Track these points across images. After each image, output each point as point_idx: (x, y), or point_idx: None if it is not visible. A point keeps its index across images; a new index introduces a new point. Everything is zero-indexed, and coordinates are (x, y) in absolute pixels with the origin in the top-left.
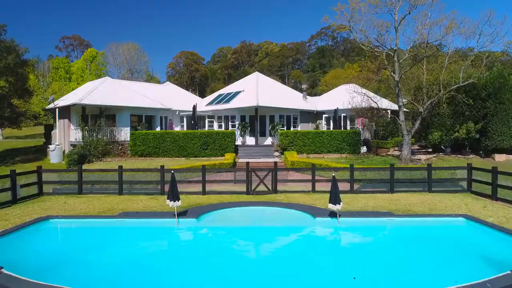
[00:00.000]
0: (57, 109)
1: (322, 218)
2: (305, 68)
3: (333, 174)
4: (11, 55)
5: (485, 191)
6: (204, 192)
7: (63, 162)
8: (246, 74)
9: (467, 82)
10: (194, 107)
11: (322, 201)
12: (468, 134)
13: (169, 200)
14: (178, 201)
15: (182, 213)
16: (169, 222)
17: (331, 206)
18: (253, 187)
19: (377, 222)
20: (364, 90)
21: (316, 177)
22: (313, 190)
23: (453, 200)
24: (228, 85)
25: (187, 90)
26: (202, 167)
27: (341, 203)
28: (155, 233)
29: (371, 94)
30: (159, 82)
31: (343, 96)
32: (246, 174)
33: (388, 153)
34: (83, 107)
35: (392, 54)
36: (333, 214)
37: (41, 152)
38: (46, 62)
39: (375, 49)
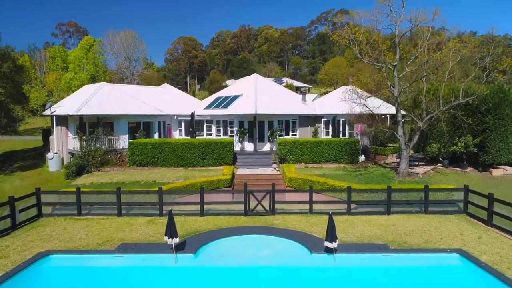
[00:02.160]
0: (54, 117)
1: (319, 254)
2: (305, 54)
3: (330, 212)
4: (6, 63)
5: (481, 213)
6: (202, 214)
7: (62, 170)
8: (245, 61)
9: (466, 100)
10: (193, 114)
11: (319, 228)
12: (466, 148)
13: (167, 237)
14: (175, 238)
15: (180, 245)
16: (166, 260)
17: (327, 244)
18: (251, 207)
19: (372, 260)
20: (363, 100)
21: (314, 194)
22: (311, 212)
23: (448, 226)
24: (227, 72)
25: (186, 76)
26: (200, 188)
27: (337, 240)
28: (152, 274)
29: (371, 104)
30: (157, 69)
31: (342, 103)
32: (244, 196)
33: (386, 161)
34: (80, 117)
35: (392, 69)
36: (329, 249)
37: (39, 158)
38: (43, 51)
39: (375, 63)
